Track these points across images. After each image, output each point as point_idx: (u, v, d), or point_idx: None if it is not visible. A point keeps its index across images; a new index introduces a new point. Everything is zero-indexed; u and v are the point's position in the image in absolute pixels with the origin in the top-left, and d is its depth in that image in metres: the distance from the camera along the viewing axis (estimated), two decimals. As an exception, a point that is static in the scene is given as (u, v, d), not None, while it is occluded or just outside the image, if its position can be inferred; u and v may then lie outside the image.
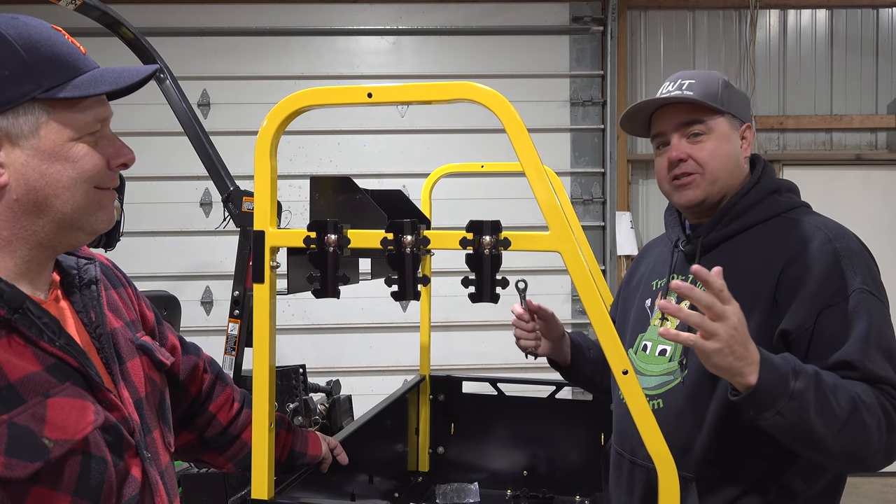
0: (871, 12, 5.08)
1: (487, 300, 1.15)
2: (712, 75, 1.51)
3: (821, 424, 1.20)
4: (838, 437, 1.21)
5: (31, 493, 0.85)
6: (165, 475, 1.06)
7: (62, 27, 0.98)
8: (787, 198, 1.50)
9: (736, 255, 1.45)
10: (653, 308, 1.57)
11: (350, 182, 1.55)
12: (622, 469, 1.56)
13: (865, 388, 1.26)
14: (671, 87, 1.51)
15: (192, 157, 2.85)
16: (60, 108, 0.92)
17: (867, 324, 1.30)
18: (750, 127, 1.53)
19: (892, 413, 1.26)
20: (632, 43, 5.07)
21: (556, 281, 4.85)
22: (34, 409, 0.86)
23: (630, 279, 1.74)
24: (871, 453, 1.25)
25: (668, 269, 1.56)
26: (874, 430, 1.23)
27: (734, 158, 1.49)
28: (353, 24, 4.94)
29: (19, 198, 0.91)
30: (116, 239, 2.49)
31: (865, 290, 1.33)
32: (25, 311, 0.90)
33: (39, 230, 0.94)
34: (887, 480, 4.80)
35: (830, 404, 1.20)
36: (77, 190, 0.94)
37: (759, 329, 1.35)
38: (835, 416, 1.20)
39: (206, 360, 1.38)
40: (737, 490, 1.38)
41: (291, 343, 4.74)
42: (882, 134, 5.10)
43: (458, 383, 2.33)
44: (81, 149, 0.94)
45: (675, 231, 1.59)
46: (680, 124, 1.49)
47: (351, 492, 1.71)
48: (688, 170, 1.48)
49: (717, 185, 1.48)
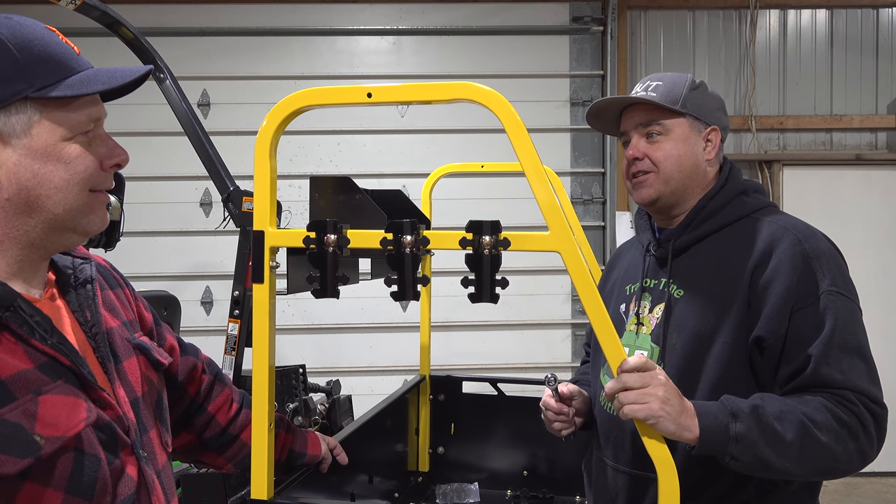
0: (871, 12, 5.08)
1: (487, 300, 1.15)
2: (680, 78, 1.53)
3: (775, 457, 1.24)
4: (799, 461, 1.25)
5: (21, 490, 0.85)
6: (162, 475, 1.06)
7: (62, 27, 0.98)
8: (755, 198, 1.51)
9: (706, 257, 1.46)
10: (628, 313, 1.58)
11: (350, 182, 1.55)
12: (605, 475, 1.56)
13: (817, 402, 1.28)
14: (639, 87, 1.55)
15: (192, 157, 2.85)
16: (53, 107, 0.92)
17: (833, 325, 1.32)
18: (716, 129, 1.53)
19: (850, 422, 1.27)
20: (632, 43, 5.07)
21: (556, 281, 4.85)
22: (25, 406, 0.86)
23: (604, 284, 1.74)
24: (841, 464, 1.29)
25: (640, 274, 1.58)
26: (833, 445, 1.25)
27: (691, 160, 1.50)
28: (353, 24, 4.94)
29: (11, 197, 0.92)
30: (116, 239, 2.49)
31: (834, 290, 1.34)
32: (16, 309, 0.90)
33: (31, 230, 0.94)
34: (887, 480, 4.79)
35: (778, 436, 1.23)
36: (70, 191, 0.94)
37: (735, 332, 1.37)
38: (786, 444, 1.24)
39: (205, 360, 1.38)
40: (717, 490, 1.38)
41: (291, 343, 4.74)
42: (882, 134, 5.10)
43: (458, 383, 2.33)
44: (74, 149, 0.94)
45: (646, 235, 1.61)
46: (639, 124, 1.53)
47: (351, 492, 1.71)
48: (643, 168, 1.52)
49: (670, 186, 1.50)
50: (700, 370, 1.39)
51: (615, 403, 1.21)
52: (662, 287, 1.50)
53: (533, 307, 4.87)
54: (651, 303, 1.52)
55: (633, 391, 1.18)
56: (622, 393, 1.19)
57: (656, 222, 1.60)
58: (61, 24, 4.31)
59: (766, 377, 1.37)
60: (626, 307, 1.59)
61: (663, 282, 1.50)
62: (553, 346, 4.92)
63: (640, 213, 1.65)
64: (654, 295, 1.52)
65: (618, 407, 1.21)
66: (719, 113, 1.56)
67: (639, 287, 1.56)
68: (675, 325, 1.44)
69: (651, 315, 1.51)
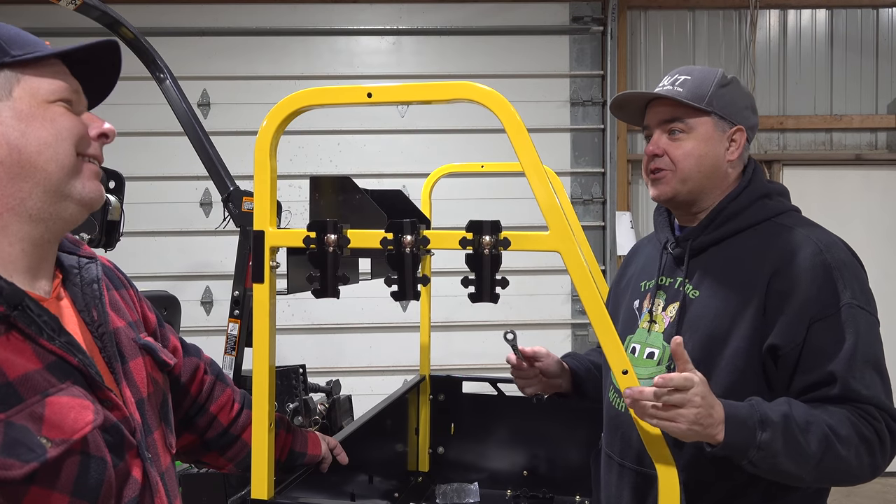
0: (871, 12, 5.08)
1: (487, 300, 1.15)
2: (709, 73, 1.50)
3: (793, 468, 1.25)
4: (814, 473, 1.27)
5: (28, 494, 0.85)
6: (166, 476, 1.06)
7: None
8: (777, 202, 1.49)
9: (724, 259, 1.45)
10: (641, 310, 1.57)
11: (350, 182, 1.56)
12: (611, 471, 1.56)
13: (842, 416, 1.28)
14: (667, 80, 1.52)
15: (192, 157, 2.84)
16: (30, 72, 0.96)
17: (854, 339, 1.31)
18: (742, 130, 1.49)
19: (870, 437, 1.27)
20: (632, 43, 5.07)
21: (556, 281, 4.85)
22: (32, 408, 0.86)
23: (620, 280, 1.73)
24: (854, 477, 1.31)
25: (656, 271, 1.56)
26: (852, 460, 1.26)
27: (711, 160, 1.47)
28: (353, 24, 4.94)
29: (3, 160, 0.93)
30: (116, 239, 2.49)
31: (855, 304, 1.34)
32: (24, 308, 0.90)
33: (27, 198, 0.95)
34: (887, 480, 4.80)
35: (801, 448, 1.23)
36: (59, 147, 0.97)
37: (748, 337, 1.36)
38: (807, 456, 1.24)
39: (207, 361, 1.38)
40: (725, 491, 1.38)
41: (291, 343, 4.74)
42: (882, 134, 5.10)
43: (458, 383, 2.33)
44: (58, 109, 0.98)
45: (665, 233, 1.59)
46: (662, 120, 1.50)
47: (351, 492, 1.71)
48: (661, 165, 1.49)
49: (687, 185, 1.48)
50: (711, 373, 1.36)
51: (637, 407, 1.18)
52: (678, 286, 1.48)
53: (533, 307, 4.86)
54: (665, 301, 1.51)
55: (664, 410, 1.17)
56: (653, 404, 1.17)
57: (676, 218, 1.58)
58: (61, 23, 4.30)
59: (779, 385, 1.35)
60: (640, 304, 1.58)
61: (679, 281, 1.49)
62: (553, 346, 4.85)
63: (659, 209, 1.63)
64: (669, 293, 1.51)
65: (640, 412, 1.18)
66: (747, 112, 1.52)
67: (654, 284, 1.55)
68: (689, 325, 1.43)
69: (664, 313, 1.50)
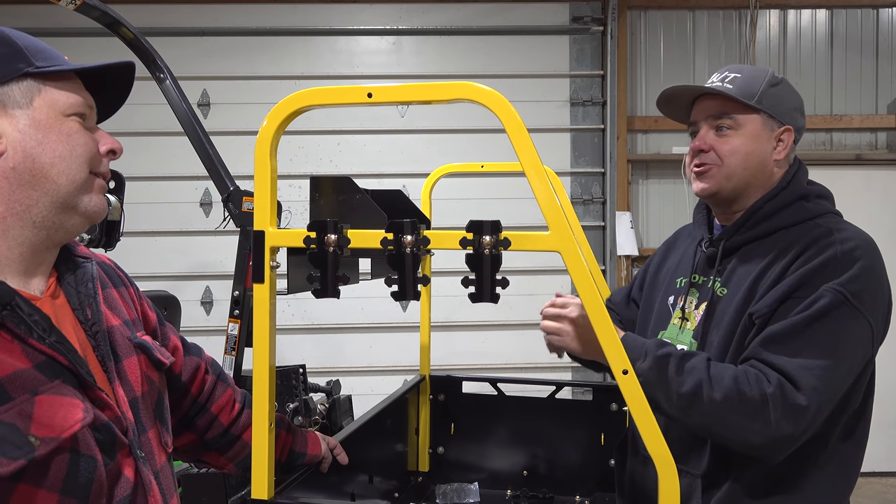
0: (871, 12, 5.08)
1: (487, 300, 1.15)
2: (760, 72, 1.49)
3: (665, 403, 1.33)
4: (684, 413, 1.33)
5: (15, 491, 0.85)
6: (161, 475, 1.06)
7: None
8: (816, 204, 1.47)
9: (755, 259, 1.44)
10: (674, 306, 1.58)
11: (350, 182, 1.55)
12: (637, 462, 1.60)
13: (731, 371, 1.31)
14: (716, 77, 1.52)
15: (192, 157, 2.84)
16: (51, 85, 0.99)
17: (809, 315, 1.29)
18: (790, 130, 1.48)
19: (752, 396, 1.26)
20: (632, 43, 5.07)
21: (556, 281, 4.85)
22: (21, 406, 0.86)
23: (658, 268, 1.73)
24: (732, 433, 1.28)
25: (690, 269, 1.58)
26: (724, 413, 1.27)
27: (758, 158, 1.46)
28: (353, 24, 4.94)
29: (16, 166, 0.94)
30: (116, 239, 2.49)
31: (837, 289, 1.30)
32: (14, 308, 0.91)
33: (34, 205, 0.96)
34: (887, 480, 4.80)
35: (671, 385, 1.32)
36: (73, 162, 0.99)
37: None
38: (678, 395, 1.31)
39: (208, 361, 1.39)
40: (742, 488, 1.38)
41: (291, 343, 4.74)
42: (882, 134, 5.10)
43: (458, 383, 2.33)
44: (73, 124, 1.00)
45: (701, 230, 1.60)
46: (710, 116, 1.49)
47: (351, 492, 1.71)
48: (706, 160, 1.49)
49: (731, 182, 1.47)
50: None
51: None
52: (710, 285, 1.50)
53: (533, 307, 4.83)
54: (698, 300, 1.53)
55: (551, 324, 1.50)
56: (542, 323, 1.52)
57: (715, 216, 1.59)
58: (61, 24, 4.30)
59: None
60: (674, 300, 1.59)
61: (711, 279, 1.50)
62: (553, 346, 4.91)
63: (700, 206, 1.64)
64: (702, 292, 1.53)
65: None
66: (796, 113, 1.52)
67: (687, 282, 1.57)
68: (715, 322, 1.45)
69: (697, 311, 1.52)
